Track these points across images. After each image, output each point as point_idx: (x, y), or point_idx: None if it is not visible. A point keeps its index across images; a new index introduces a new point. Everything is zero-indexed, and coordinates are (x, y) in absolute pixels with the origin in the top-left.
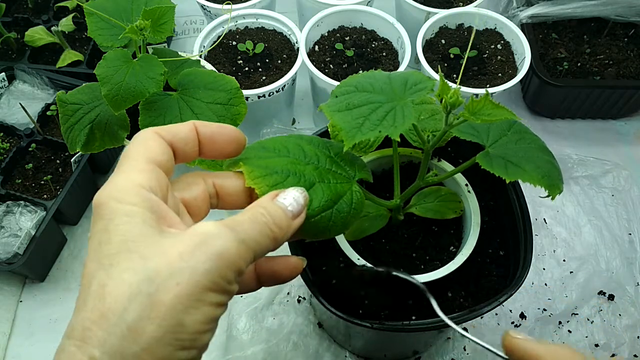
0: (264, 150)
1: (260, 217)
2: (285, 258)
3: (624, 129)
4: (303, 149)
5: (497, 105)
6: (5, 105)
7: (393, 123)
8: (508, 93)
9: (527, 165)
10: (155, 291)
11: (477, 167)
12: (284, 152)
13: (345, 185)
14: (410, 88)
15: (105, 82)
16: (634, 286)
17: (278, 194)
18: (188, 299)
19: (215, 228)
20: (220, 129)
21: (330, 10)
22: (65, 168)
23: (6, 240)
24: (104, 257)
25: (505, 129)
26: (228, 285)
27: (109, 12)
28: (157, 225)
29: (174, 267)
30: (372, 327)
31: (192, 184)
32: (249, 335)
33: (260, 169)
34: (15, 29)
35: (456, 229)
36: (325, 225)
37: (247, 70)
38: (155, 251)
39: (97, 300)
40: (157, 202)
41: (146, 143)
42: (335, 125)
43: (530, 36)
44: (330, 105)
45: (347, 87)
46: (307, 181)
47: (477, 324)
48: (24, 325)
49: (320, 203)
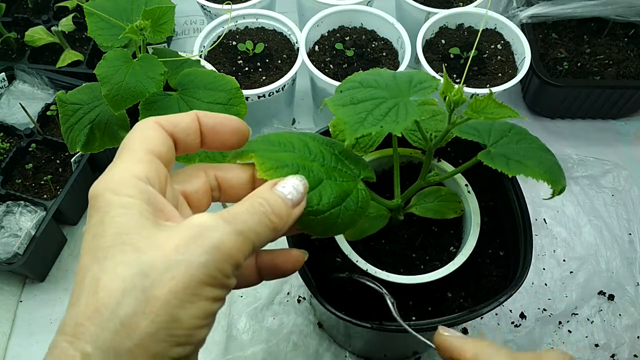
0: (269, 144)
1: (258, 207)
2: (286, 251)
3: (624, 129)
4: (308, 145)
5: (500, 104)
6: (5, 105)
7: (396, 119)
8: (508, 93)
9: (529, 161)
10: (150, 285)
11: (477, 167)
12: (289, 147)
13: (352, 183)
14: (415, 86)
15: (105, 82)
16: (634, 286)
17: (277, 183)
18: (183, 293)
19: (211, 220)
20: (224, 120)
21: (330, 10)
22: (65, 168)
23: (6, 240)
24: (99, 250)
25: (506, 130)
26: (226, 279)
27: (109, 12)
28: (154, 217)
29: (169, 260)
30: (372, 328)
31: (193, 177)
32: (249, 335)
33: (272, 161)
34: (15, 29)
35: (456, 229)
36: (334, 222)
37: (247, 70)
38: (150, 244)
39: (90, 295)
40: (155, 195)
41: (145, 133)
42: (339, 119)
43: (530, 36)
44: (334, 99)
45: (352, 82)
46: (315, 177)
47: (477, 324)
48: (24, 325)
49: (330, 199)
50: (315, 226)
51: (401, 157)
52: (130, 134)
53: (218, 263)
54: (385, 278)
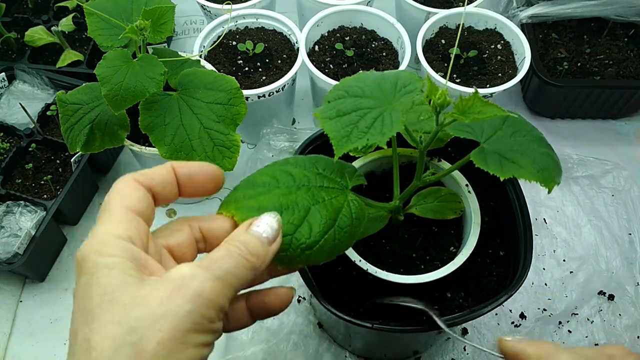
0: (252, 187)
1: (234, 250)
2: (274, 290)
3: (624, 129)
4: (291, 173)
5: (486, 102)
6: (5, 105)
7: (381, 130)
8: (508, 93)
9: (523, 159)
10: (139, 340)
11: (477, 166)
12: (273, 183)
13: (341, 197)
14: (400, 90)
15: (105, 82)
16: (634, 286)
17: (252, 223)
18: (171, 343)
19: (189, 270)
20: (199, 168)
21: (330, 10)
22: (65, 168)
23: (6, 240)
24: (87, 312)
25: (499, 123)
26: (211, 324)
27: (109, 12)
28: (138, 274)
29: (154, 313)
30: (372, 328)
31: (176, 231)
32: (249, 335)
33: (253, 211)
34: (15, 29)
35: (456, 230)
36: (332, 246)
37: (247, 70)
38: (136, 300)
39: (83, 355)
40: (137, 252)
41: (124, 192)
42: (327, 133)
43: (530, 36)
44: (322, 111)
45: (339, 91)
46: (301, 209)
47: (477, 324)
48: (24, 325)
49: (321, 227)
50: (316, 257)
51: (401, 157)
52: (110, 194)
53: (201, 310)
54: (385, 278)
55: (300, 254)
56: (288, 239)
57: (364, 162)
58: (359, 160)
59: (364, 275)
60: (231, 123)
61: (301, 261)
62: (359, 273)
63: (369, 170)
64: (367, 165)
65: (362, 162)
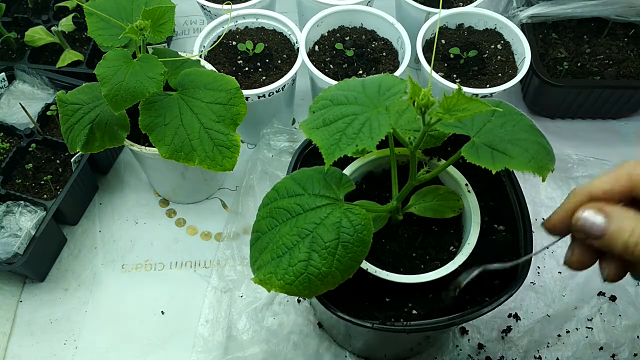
0: (260, 239)
1: None
2: None
3: (624, 129)
4: (284, 208)
5: (470, 98)
6: (5, 105)
7: (369, 134)
8: (508, 93)
9: (514, 150)
10: None
11: (477, 165)
12: (273, 223)
13: (337, 211)
14: (383, 94)
15: (105, 82)
16: (634, 286)
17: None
18: None
19: None
20: None
21: (330, 10)
22: (65, 168)
23: (6, 240)
24: None
25: (489, 114)
26: None
27: (109, 12)
28: None
29: None
30: (372, 327)
31: None
32: (249, 335)
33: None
34: (15, 29)
35: (456, 229)
36: (348, 264)
37: (247, 70)
38: None
39: None
40: None
41: None
42: (315, 143)
43: (530, 36)
44: (308, 122)
45: (323, 100)
46: (305, 242)
47: (477, 324)
48: (24, 325)
49: (327, 251)
50: (337, 281)
51: (400, 156)
52: None
53: None
54: (385, 277)
55: (320, 282)
56: (305, 277)
57: (363, 163)
58: (357, 161)
59: (364, 275)
60: (231, 123)
61: (330, 284)
62: (359, 273)
63: (368, 171)
64: (367, 165)
65: (361, 162)
